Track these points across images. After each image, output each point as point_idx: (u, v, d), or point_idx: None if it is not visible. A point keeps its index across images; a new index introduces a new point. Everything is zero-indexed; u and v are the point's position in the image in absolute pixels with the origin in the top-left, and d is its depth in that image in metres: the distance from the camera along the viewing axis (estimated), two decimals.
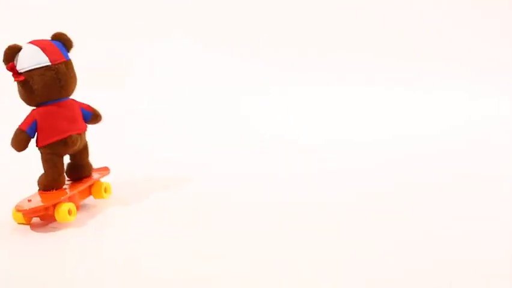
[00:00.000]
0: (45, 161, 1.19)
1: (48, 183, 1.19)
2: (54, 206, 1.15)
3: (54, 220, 1.17)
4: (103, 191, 1.27)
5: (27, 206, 1.14)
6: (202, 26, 2.30)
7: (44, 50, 1.16)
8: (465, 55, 2.17)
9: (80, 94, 1.24)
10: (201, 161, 1.58)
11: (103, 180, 1.29)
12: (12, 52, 1.16)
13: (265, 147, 1.67)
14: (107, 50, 2.25)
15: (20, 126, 1.17)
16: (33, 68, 1.15)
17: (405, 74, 2.14)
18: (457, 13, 2.24)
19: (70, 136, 1.19)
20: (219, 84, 2.18)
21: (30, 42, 1.17)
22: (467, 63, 2.14)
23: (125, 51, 2.27)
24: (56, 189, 1.19)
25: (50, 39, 1.19)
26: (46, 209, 1.14)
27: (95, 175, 1.29)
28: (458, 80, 2.09)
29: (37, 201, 1.15)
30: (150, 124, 1.97)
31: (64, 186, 1.22)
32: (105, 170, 1.32)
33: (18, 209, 1.14)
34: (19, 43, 1.17)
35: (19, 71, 1.14)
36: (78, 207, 1.22)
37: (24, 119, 1.18)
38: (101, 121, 1.28)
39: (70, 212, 1.15)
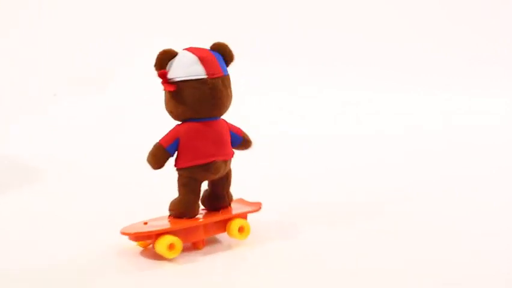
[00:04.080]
0: (182, 184, 1.02)
1: (182, 210, 1.02)
2: (158, 235, 0.98)
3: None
4: (236, 229, 1.03)
5: (134, 230, 0.99)
6: (187, 27, 2.28)
7: (202, 60, 0.98)
8: (465, 56, 2.18)
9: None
10: None
11: (243, 217, 1.05)
12: (166, 58, 0.99)
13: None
14: (95, 52, 2.23)
15: (160, 141, 1.00)
16: (186, 78, 0.98)
17: (405, 75, 2.14)
18: (456, 14, 2.25)
19: (215, 162, 1.01)
20: None
21: (188, 50, 1.00)
22: (467, 64, 2.15)
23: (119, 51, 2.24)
24: (188, 218, 1.02)
25: (209, 48, 1.02)
26: (149, 237, 0.99)
27: (236, 208, 1.07)
28: (458, 81, 2.09)
29: (150, 227, 0.99)
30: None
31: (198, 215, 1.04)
32: (252, 206, 1.08)
33: (122, 231, 0.99)
34: (174, 49, 1.00)
35: (170, 80, 0.99)
36: (203, 243, 1.03)
37: (166, 134, 1.01)
38: (251, 147, 1.08)
39: (171, 247, 0.98)
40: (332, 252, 1.01)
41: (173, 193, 1.17)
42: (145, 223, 1.01)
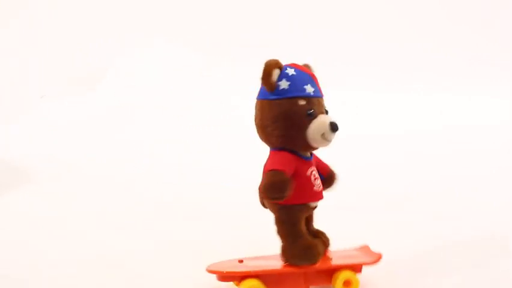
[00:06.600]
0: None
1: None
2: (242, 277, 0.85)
3: None
4: (341, 283, 0.87)
5: (226, 268, 0.86)
6: (181, 29, 2.28)
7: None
8: (465, 56, 2.18)
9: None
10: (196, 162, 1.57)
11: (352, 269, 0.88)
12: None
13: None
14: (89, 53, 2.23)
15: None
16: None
17: (405, 75, 2.14)
18: (456, 15, 2.25)
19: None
20: (204, 86, 2.16)
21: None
22: (467, 64, 2.15)
23: (114, 53, 2.25)
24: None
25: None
26: (233, 277, 0.85)
27: (347, 257, 0.90)
28: (458, 81, 2.09)
29: (244, 266, 0.87)
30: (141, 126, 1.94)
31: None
32: (369, 256, 0.90)
33: (209, 269, 0.86)
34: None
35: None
36: None
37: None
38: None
39: None
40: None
41: (171, 192, 1.17)
42: (240, 261, 0.88)
